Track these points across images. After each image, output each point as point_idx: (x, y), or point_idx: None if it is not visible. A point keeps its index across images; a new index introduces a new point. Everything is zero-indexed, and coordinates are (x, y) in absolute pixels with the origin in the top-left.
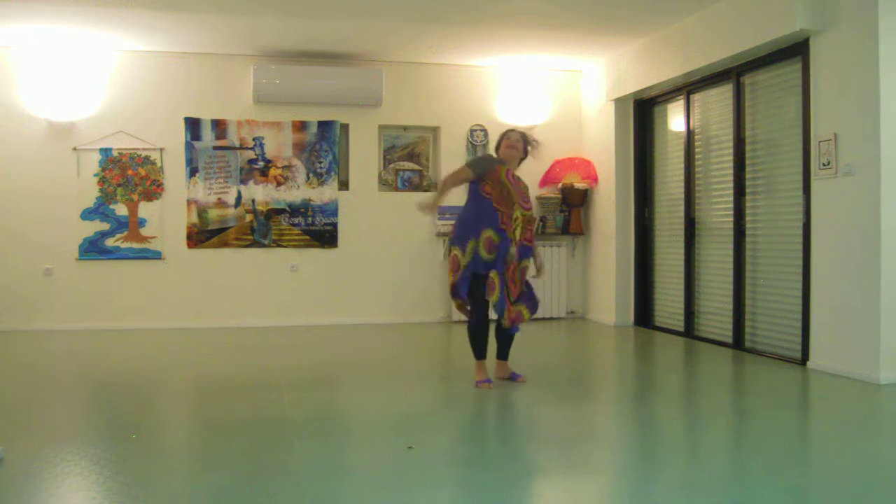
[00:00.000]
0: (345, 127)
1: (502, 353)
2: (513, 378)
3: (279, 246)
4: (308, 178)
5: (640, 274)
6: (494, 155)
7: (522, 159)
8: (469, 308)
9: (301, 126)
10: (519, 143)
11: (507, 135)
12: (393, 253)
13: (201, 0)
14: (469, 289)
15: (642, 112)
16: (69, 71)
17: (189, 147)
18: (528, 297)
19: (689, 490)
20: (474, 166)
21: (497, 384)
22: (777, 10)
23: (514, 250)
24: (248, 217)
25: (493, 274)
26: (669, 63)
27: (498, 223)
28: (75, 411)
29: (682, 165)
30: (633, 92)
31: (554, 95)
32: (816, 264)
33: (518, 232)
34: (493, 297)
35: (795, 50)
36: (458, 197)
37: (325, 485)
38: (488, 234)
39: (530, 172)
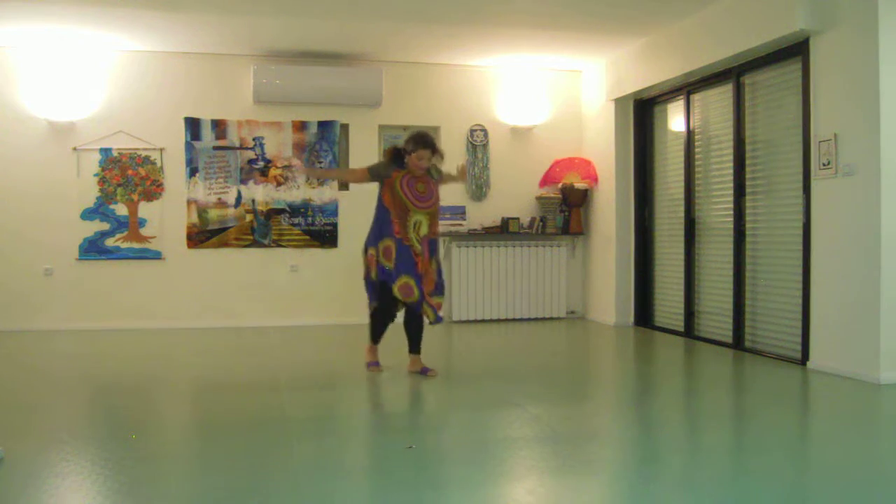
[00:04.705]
0: (345, 127)
1: (414, 348)
2: (423, 372)
3: (279, 246)
4: (308, 178)
5: (640, 274)
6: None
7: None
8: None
9: (301, 126)
10: (429, 162)
11: (419, 153)
12: None
13: (201, 0)
14: (379, 295)
15: (642, 112)
16: (69, 71)
17: (189, 147)
18: (440, 286)
19: (689, 490)
20: (372, 171)
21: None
22: (777, 10)
23: (419, 247)
24: (248, 217)
25: (406, 279)
26: (669, 63)
27: (393, 233)
28: (75, 411)
29: (682, 165)
30: (633, 92)
31: (554, 95)
32: (816, 264)
33: (423, 229)
34: (412, 299)
35: (795, 50)
36: (458, 197)
37: (325, 485)
38: (387, 243)
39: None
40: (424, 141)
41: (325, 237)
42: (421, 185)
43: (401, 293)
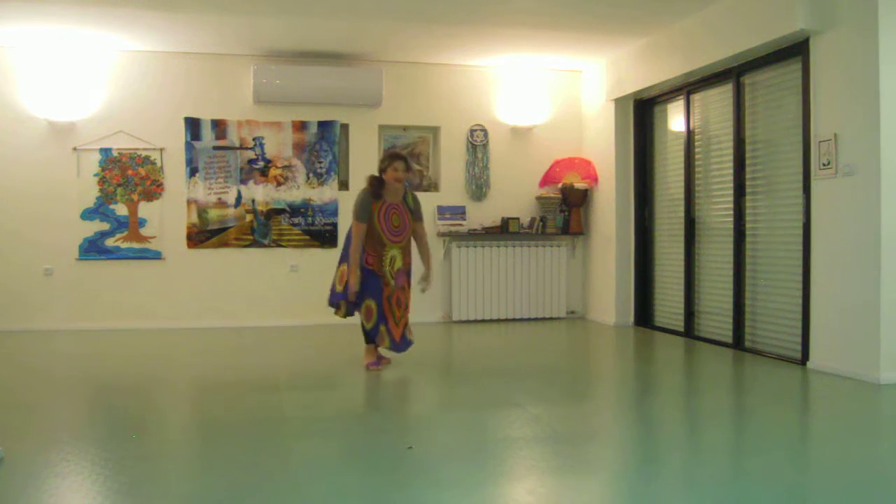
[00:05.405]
0: (345, 127)
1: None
2: (378, 360)
3: (279, 246)
4: (308, 178)
5: (640, 274)
6: (379, 174)
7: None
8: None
9: (301, 126)
10: (404, 174)
11: (394, 164)
12: None
13: (201, 0)
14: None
15: (642, 112)
16: (69, 71)
17: (189, 147)
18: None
19: (689, 490)
20: (359, 216)
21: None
22: (777, 10)
23: (392, 282)
24: (248, 217)
25: (370, 302)
26: (669, 63)
27: (364, 263)
28: (75, 411)
29: (682, 165)
30: (633, 92)
31: (554, 95)
32: (816, 264)
33: (397, 263)
34: (369, 325)
35: (795, 50)
36: (458, 197)
37: (325, 485)
38: (343, 268)
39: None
40: (397, 154)
41: (325, 237)
42: (396, 218)
43: (364, 315)
